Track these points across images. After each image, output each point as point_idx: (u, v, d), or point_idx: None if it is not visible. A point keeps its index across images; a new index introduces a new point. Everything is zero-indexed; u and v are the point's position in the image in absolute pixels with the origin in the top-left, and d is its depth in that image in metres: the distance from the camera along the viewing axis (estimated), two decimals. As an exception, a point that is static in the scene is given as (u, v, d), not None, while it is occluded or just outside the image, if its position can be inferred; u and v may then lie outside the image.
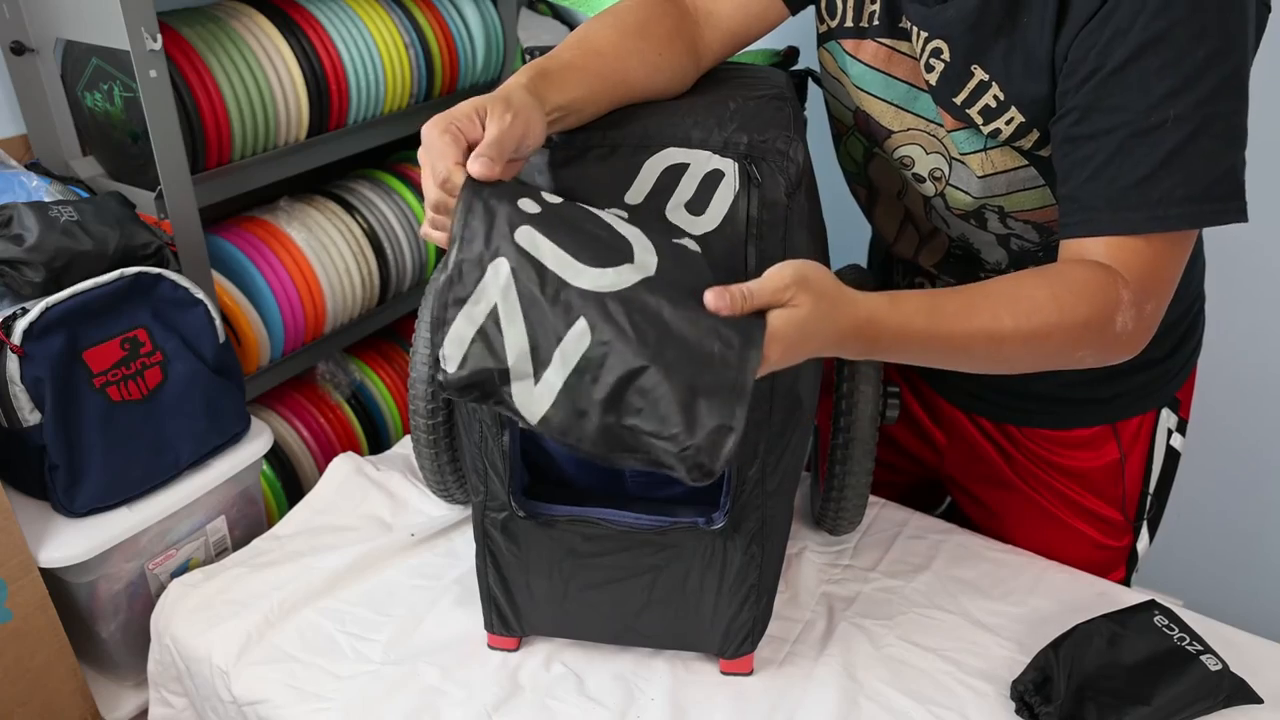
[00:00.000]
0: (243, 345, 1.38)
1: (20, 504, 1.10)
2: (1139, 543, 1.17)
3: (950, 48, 0.83)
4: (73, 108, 1.30)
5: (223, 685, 0.99)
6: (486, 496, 0.91)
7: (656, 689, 0.96)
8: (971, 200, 0.91)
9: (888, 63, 0.90)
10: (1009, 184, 0.88)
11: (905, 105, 0.91)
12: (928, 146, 0.92)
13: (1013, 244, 0.95)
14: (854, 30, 0.91)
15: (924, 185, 0.95)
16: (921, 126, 0.91)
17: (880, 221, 1.08)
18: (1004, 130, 0.83)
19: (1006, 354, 0.76)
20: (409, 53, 1.52)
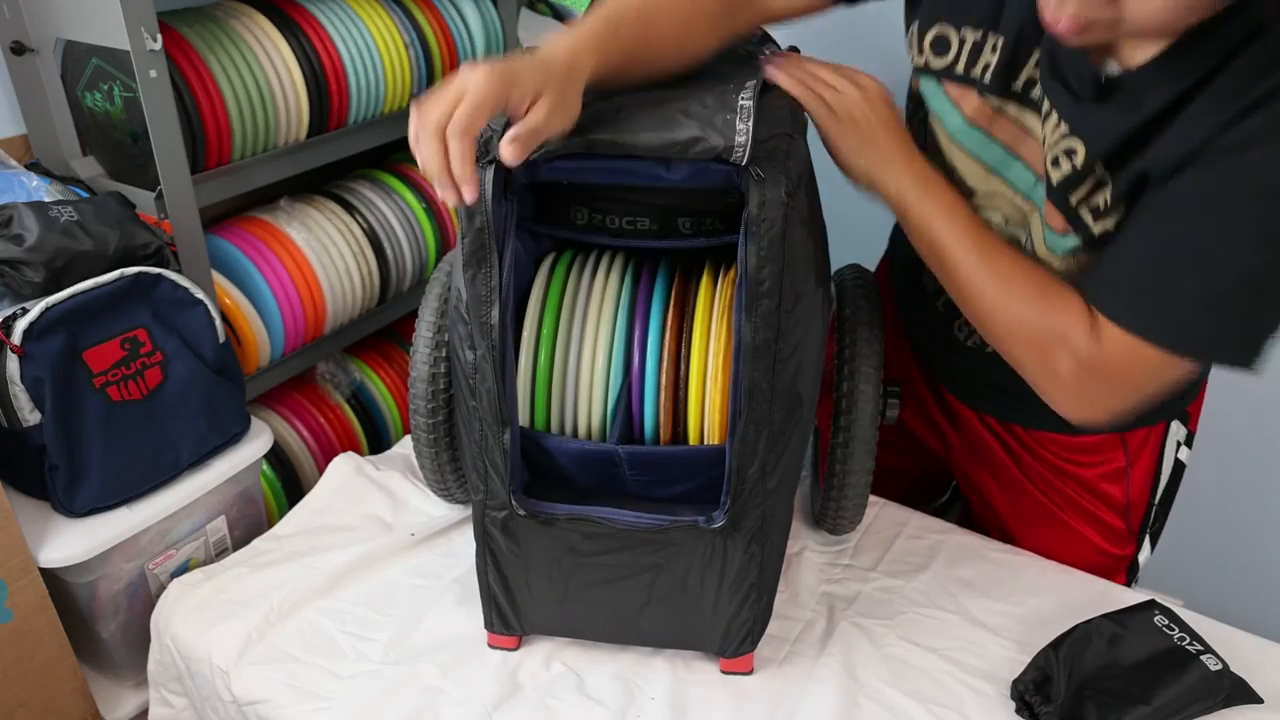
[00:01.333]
0: (243, 345, 1.38)
1: (20, 504, 1.10)
2: (1140, 553, 1.16)
3: (1086, 151, 0.78)
4: (73, 108, 1.30)
5: (223, 685, 0.99)
6: (486, 495, 0.91)
7: (656, 688, 0.96)
8: None
9: (990, 122, 0.87)
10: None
11: (998, 170, 0.88)
12: (1011, 217, 0.90)
13: None
14: (962, 77, 0.87)
15: None
16: (1008, 195, 0.88)
17: None
18: (1111, 230, 0.80)
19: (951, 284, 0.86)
20: (409, 53, 1.52)
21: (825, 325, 0.93)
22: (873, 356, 1.02)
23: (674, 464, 0.90)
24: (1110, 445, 1.08)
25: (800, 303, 0.82)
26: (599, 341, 0.91)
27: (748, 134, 0.74)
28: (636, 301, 0.92)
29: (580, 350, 0.91)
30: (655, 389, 0.89)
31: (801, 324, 0.83)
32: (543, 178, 0.83)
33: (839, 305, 1.07)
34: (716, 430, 0.89)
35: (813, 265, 0.84)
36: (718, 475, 0.87)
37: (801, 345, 0.84)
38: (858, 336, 1.03)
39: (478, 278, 0.82)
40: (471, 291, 0.82)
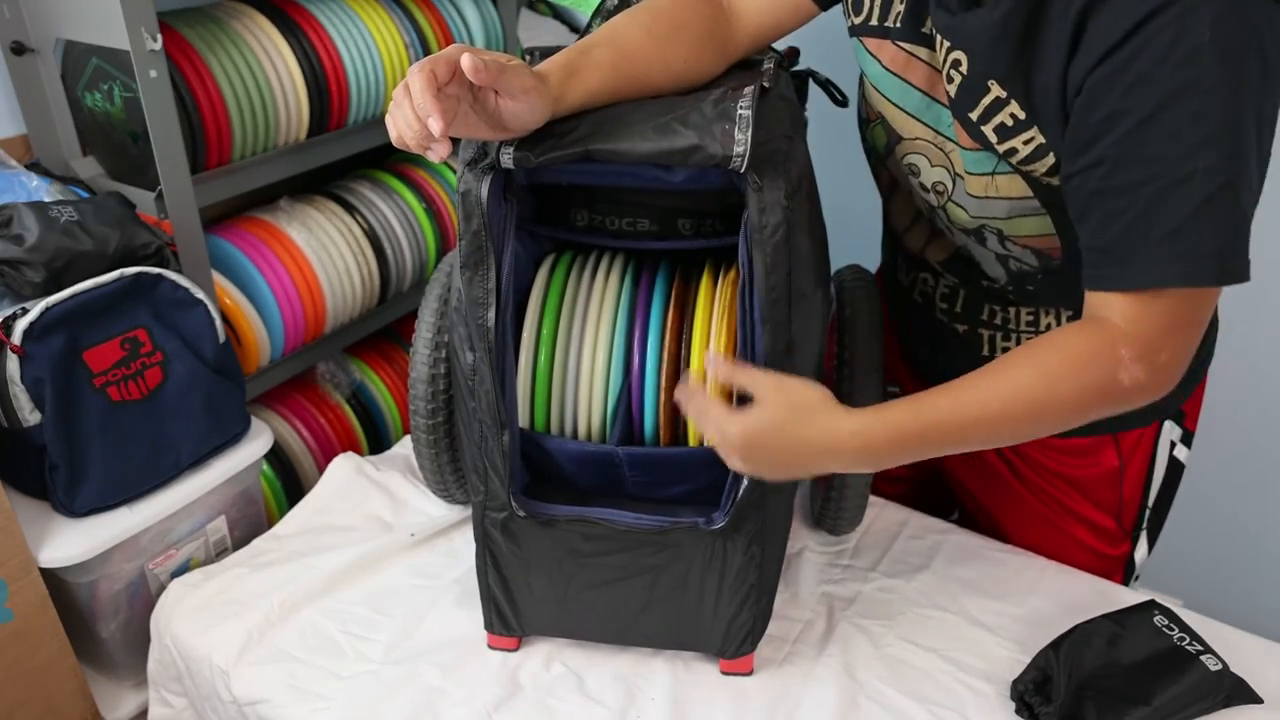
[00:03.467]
0: (243, 345, 1.38)
1: (20, 504, 1.10)
2: (1137, 552, 1.16)
3: (969, 60, 0.81)
4: (73, 108, 1.30)
5: (223, 685, 0.99)
6: (486, 496, 0.91)
7: (656, 689, 0.96)
8: (970, 219, 0.91)
9: (905, 68, 0.89)
10: (1009, 210, 0.87)
11: (918, 114, 0.91)
12: (933, 159, 0.91)
13: (1011, 265, 0.94)
14: (878, 29, 0.91)
15: (928, 195, 0.95)
16: (929, 137, 0.91)
17: (896, 210, 1.07)
18: (1020, 150, 0.81)
19: (1005, 435, 0.80)
20: (409, 53, 1.52)
21: (825, 325, 0.93)
22: (873, 357, 1.02)
23: (674, 465, 0.90)
24: (1102, 446, 1.08)
25: (801, 303, 0.82)
26: (599, 342, 0.91)
27: (746, 144, 0.74)
28: (636, 302, 0.92)
29: (580, 351, 0.91)
30: (655, 390, 0.89)
31: (802, 325, 0.83)
32: (542, 180, 0.84)
33: (839, 305, 1.07)
34: (716, 431, 0.89)
35: (813, 266, 0.84)
36: (718, 476, 0.87)
37: (801, 346, 0.84)
38: (858, 336, 1.03)
39: (475, 279, 0.82)
40: (469, 293, 0.82)
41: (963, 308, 1.04)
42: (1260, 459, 1.58)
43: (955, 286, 1.03)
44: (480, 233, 0.80)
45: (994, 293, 1.00)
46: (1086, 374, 0.76)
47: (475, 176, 0.78)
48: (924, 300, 1.08)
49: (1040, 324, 1.00)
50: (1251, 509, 1.62)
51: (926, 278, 1.07)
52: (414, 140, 0.70)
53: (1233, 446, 1.59)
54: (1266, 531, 1.62)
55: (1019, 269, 0.94)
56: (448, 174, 1.71)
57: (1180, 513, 1.28)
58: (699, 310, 0.90)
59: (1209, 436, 1.59)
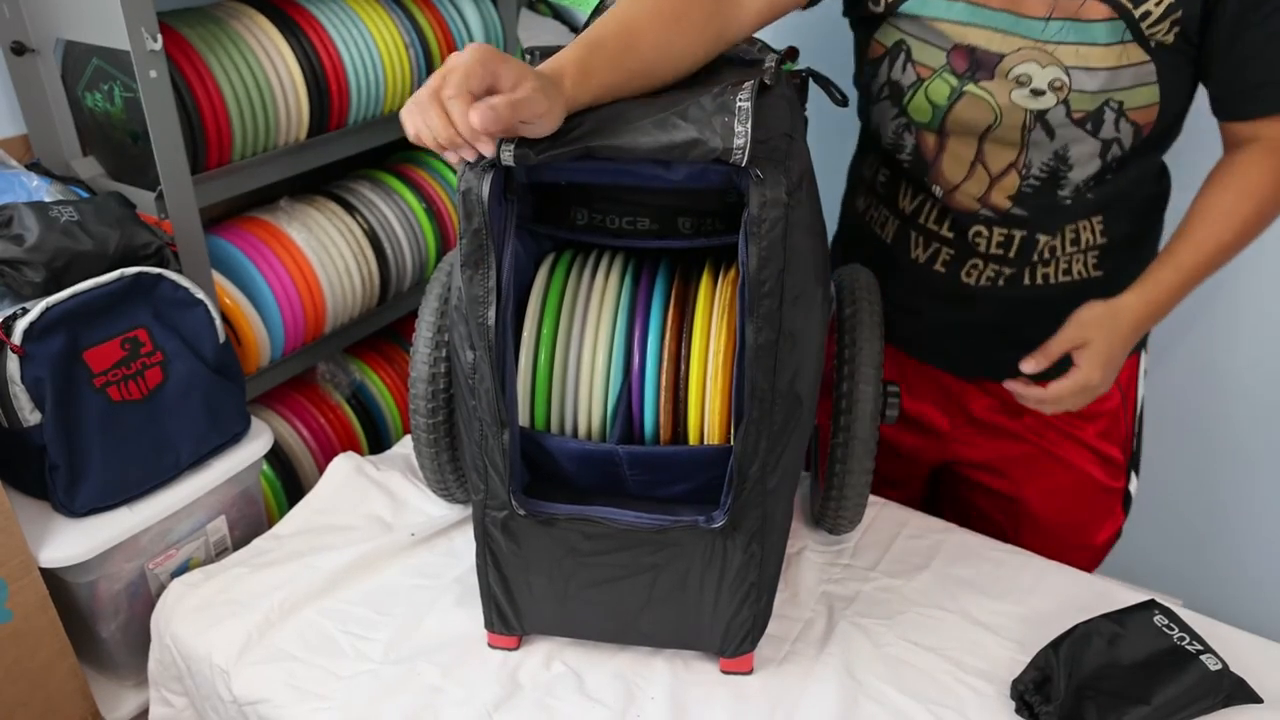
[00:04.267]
0: (243, 345, 1.38)
1: (20, 504, 1.10)
2: (1131, 484, 1.25)
3: None
4: (73, 108, 1.30)
5: (223, 685, 0.99)
6: (487, 495, 0.91)
7: (656, 688, 0.96)
8: (1092, 99, 0.97)
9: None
10: (1134, 77, 0.96)
11: (1007, 29, 0.97)
12: (1041, 61, 0.97)
13: (1110, 153, 1.02)
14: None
15: (1043, 98, 0.99)
16: (1030, 45, 0.97)
17: (945, 169, 1.08)
18: (1154, 12, 0.92)
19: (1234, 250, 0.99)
20: (409, 53, 1.52)
21: (825, 325, 0.93)
22: (873, 356, 1.02)
23: (674, 464, 0.90)
24: None
25: (800, 302, 0.82)
26: (599, 341, 0.91)
27: (746, 136, 0.74)
28: (636, 301, 0.92)
29: (580, 350, 0.91)
30: (655, 389, 0.89)
31: (801, 324, 0.83)
32: (543, 178, 0.83)
33: (839, 305, 1.07)
34: (716, 430, 0.89)
35: (813, 265, 0.84)
36: (718, 475, 0.87)
37: (801, 345, 0.84)
38: (858, 336, 1.03)
39: (475, 278, 0.82)
40: (469, 292, 0.82)
41: (1018, 250, 1.09)
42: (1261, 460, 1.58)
43: (1010, 234, 1.09)
44: (481, 231, 0.80)
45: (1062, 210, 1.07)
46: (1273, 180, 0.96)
47: (476, 175, 0.78)
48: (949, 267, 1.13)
49: (1081, 239, 1.09)
50: (1252, 509, 1.62)
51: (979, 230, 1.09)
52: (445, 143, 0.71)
53: (1233, 446, 1.59)
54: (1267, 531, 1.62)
55: (1113, 157, 1.02)
56: (448, 174, 1.71)
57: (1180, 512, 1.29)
58: (699, 309, 0.90)
59: (1210, 436, 1.60)
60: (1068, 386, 0.98)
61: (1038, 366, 0.98)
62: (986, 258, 1.10)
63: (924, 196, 1.12)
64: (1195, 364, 1.56)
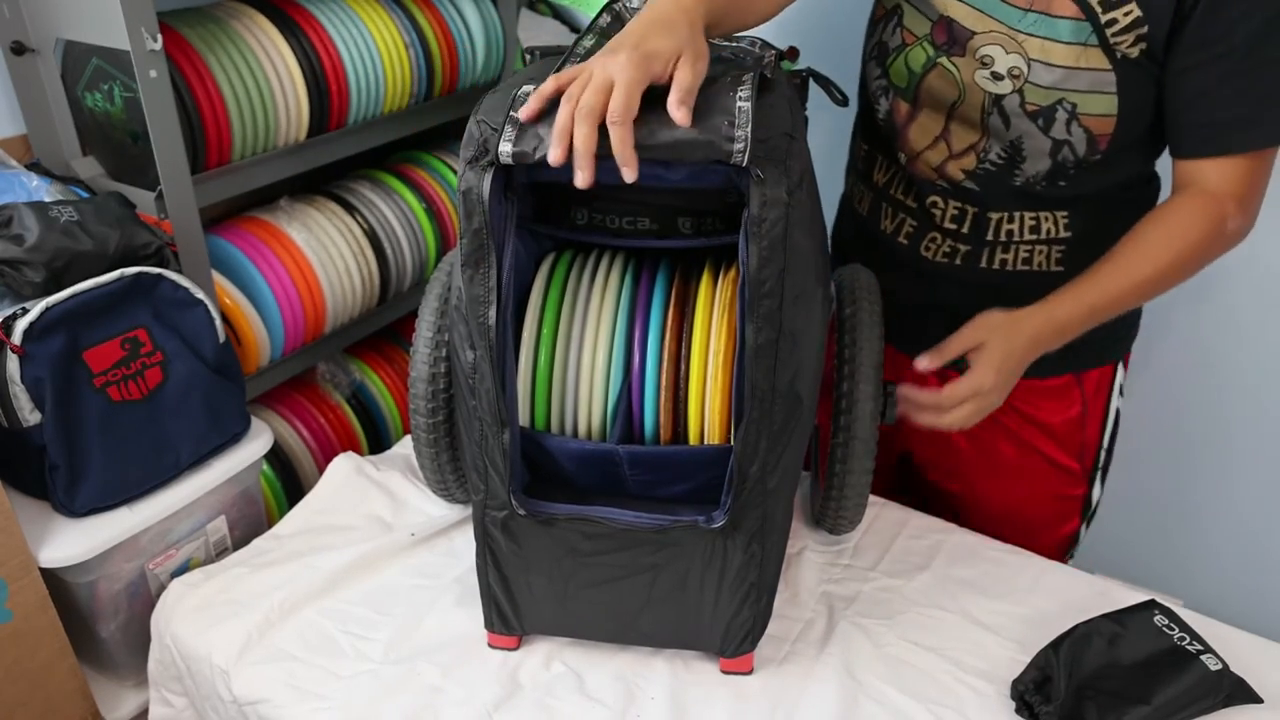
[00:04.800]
0: (243, 345, 1.38)
1: (20, 504, 1.10)
2: (1093, 491, 1.24)
3: None
4: (73, 108, 1.30)
5: (223, 685, 0.99)
6: (487, 495, 0.91)
7: (656, 688, 0.96)
8: (1045, 94, 0.98)
9: None
10: (1091, 83, 0.96)
11: (987, 10, 0.99)
12: (1007, 47, 0.99)
13: (1061, 154, 1.02)
14: None
15: (1000, 83, 1.00)
16: (1002, 29, 0.99)
17: (911, 138, 1.11)
18: (1120, 21, 0.92)
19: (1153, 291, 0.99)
20: (409, 53, 1.52)
21: (825, 325, 0.93)
22: (873, 356, 1.02)
23: (674, 464, 0.90)
24: (1069, 388, 1.17)
25: (800, 302, 0.82)
26: (599, 341, 0.91)
27: (746, 138, 0.74)
28: (636, 301, 0.92)
29: (580, 350, 0.91)
30: (655, 389, 0.89)
31: (801, 323, 0.83)
32: (543, 178, 0.83)
33: (839, 305, 1.07)
34: (717, 430, 0.89)
35: (813, 265, 0.84)
36: (718, 475, 0.87)
37: (801, 345, 0.84)
38: (858, 336, 1.03)
39: (476, 278, 0.82)
40: (470, 292, 0.82)
41: (970, 228, 1.11)
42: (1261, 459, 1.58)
43: (963, 209, 1.10)
44: (481, 231, 0.80)
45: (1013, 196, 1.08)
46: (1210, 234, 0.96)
47: (476, 174, 0.78)
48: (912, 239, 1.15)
49: (1041, 228, 1.10)
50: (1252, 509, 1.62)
51: (935, 201, 1.11)
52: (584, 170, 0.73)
53: (1233, 446, 1.59)
54: (1267, 531, 1.62)
55: (1064, 159, 1.03)
56: (448, 174, 1.71)
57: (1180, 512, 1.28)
58: (699, 309, 0.90)
59: (1210, 435, 1.60)
60: (961, 389, 0.94)
61: (932, 363, 0.96)
62: (943, 231, 1.12)
63: (895, 169, 1.15)
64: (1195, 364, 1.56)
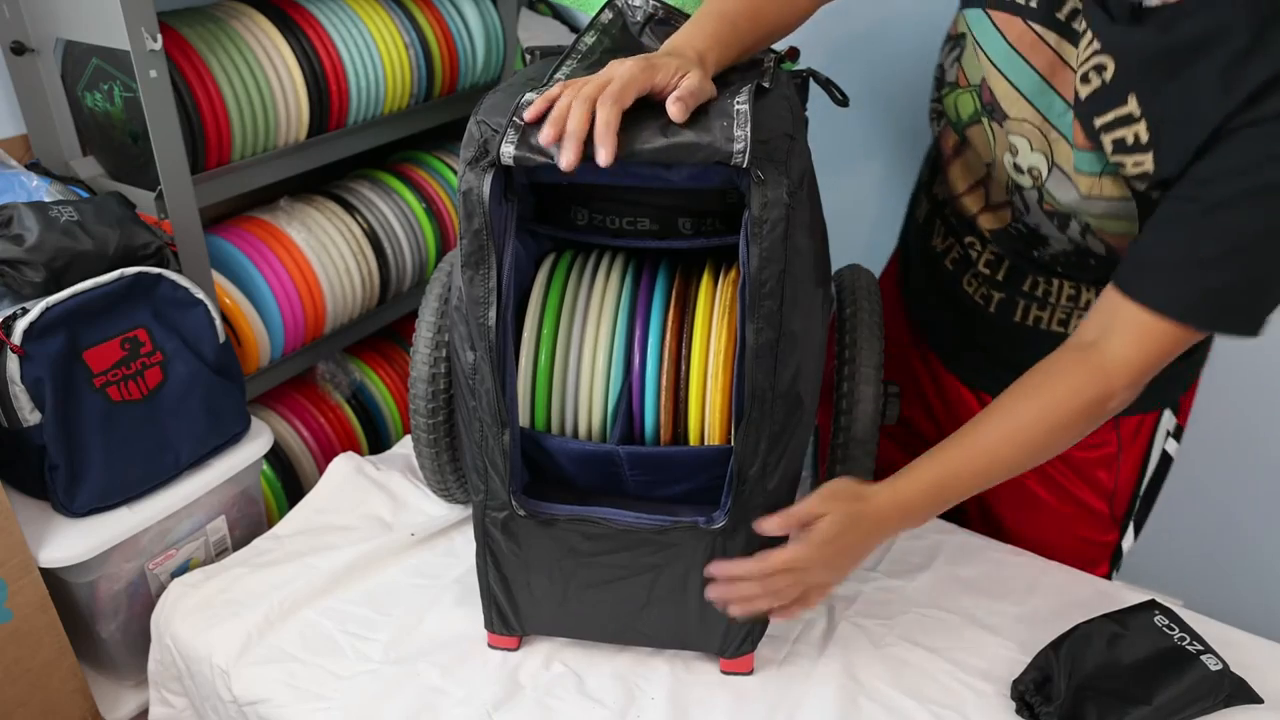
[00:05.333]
0: (243, 345, 1.38)
1: (20, 504, 1.10)
2: (1124, 540, 1.18)
3: (1115, 69, 0.82)
4: (73, 108, 1.30)
5: (223, 685, 0.99)
6: (487, 495, 0.91)
7: (657, 688, 0.96)
8: (1061, 206, 0.92)
9: (1031, 49, 0.90)
10: (1105, 209, 0.89)
11: (1031, 97, 0.91)
12: (1035, 143, 0.92)
13: (1081, 249, 0.96)
14: (1009, 5, 0.91)
15: (1020, 176, 0.96)
16: (1036, 121, 0.91)
17: (955, 174, 1.07)
18: (1129, 169, 0.84)
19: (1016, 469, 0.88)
20: (409, 53, 1.52)
21: (825, 325, 0.93)
22: (873, 356, 1.02)
23: (674, 464, 0.90)
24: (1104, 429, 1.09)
25: (800, 303, 0.82)
26: (599, 342, 0.91)
27: (745, 140, 0.74)
28: (637, 302, 0.92)
29: (580, 350, 0.91)
30: (655, 389, 0.89)
31: (802, 324, 0.83)
32: (543, 178, 0.83)
33: (839, 305, 1.07)
34: (717, 431, 0.89)
35: (813, 265, 0.84)
36: (718, 475, 0.87)
37: (802, 345, 0.84)
38: (858, 336, 1.03)
39: (476, 279, 0.82)
40: (470, 292, 0.82)
41: (1005, 276, 1.06)
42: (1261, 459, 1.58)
43: (1000, 256, 1.05)
44: (482, 231, 0.80)
45: (1043, 265, 1.02)
46: (1085, 411, 0.85)
47: (476, 175, 0.78)
48: (955, 268, 1.10)
49: (1081, 299, 1.02)
50: (1252, 509, 1.62)
51: (973, 242, 1.07)
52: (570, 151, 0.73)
53: (1233, 446, 1.59)
54: (1266, 531, 1.62)
55: (1084, 248, 0.96)
56: (448, 174, 1.71)
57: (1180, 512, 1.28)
58: (699, 310, 0.90)
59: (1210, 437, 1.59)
60: (774, 559, 0.83)
61: (774, 529, 0.84)
62: (978, 275, 1.08)
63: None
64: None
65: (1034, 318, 1.06)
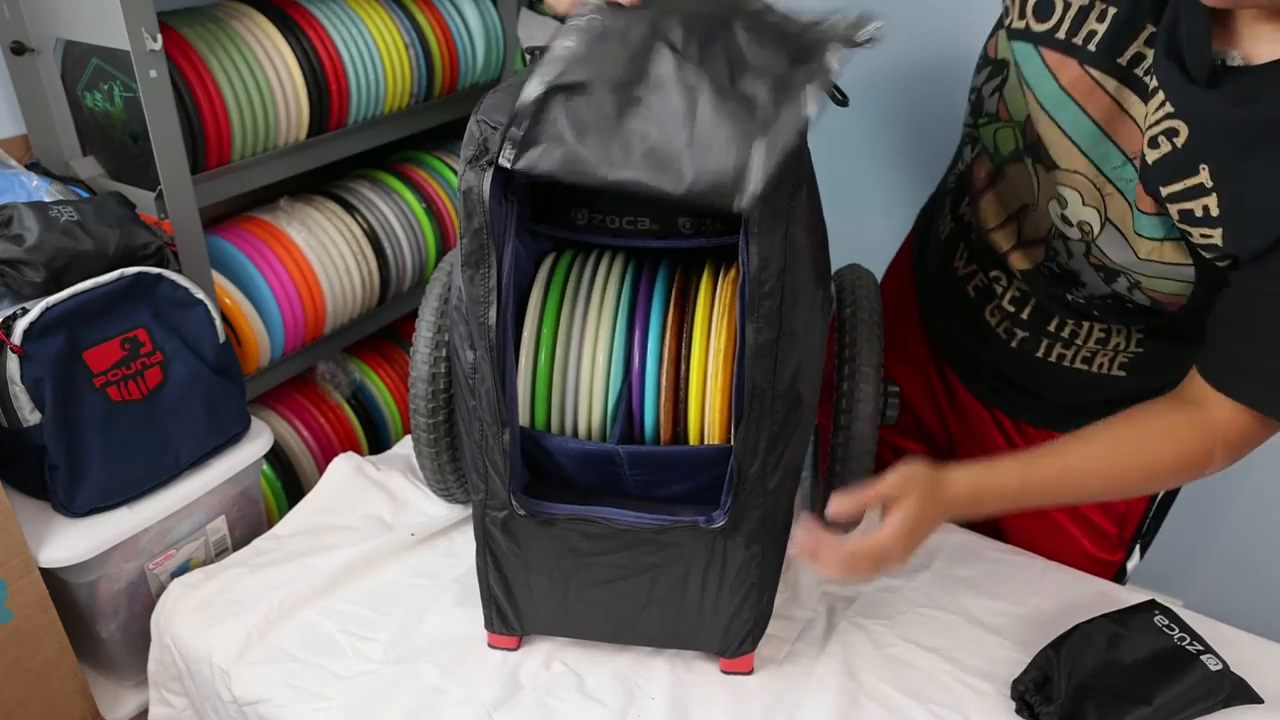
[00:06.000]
0: (243, 345, 1.38)
1: (20, 504, 1.10)
2: (1129, 561, 1.17)
3: (1189, 135, 0.75)
4: (73, 108, 1.30)
5: (223, 685, 0.99)
6: (487, 495, 0.91)
7: (657, 688, 0.96)
8: (1111, 265, 0.87)
9: (1086, 95, 0.83)
10: (1162, 272, 0.84)
11: (1085, 148, 0.84)
12: (1087, 196, 0.86)
13: (1123, 297, 0.92)
14: (1064, 44, 0.83)
15: (1069, 228, 0.89)
16: (1089, 174, 0.85)
17: (985, 204, 1.00)
18: (1195, 239, 0.78)
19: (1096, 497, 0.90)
20: (409, 53, 1.52)
21: (825, 325, 0.93)
22: (873, 356, 1.02)
23: (674, 464, 0.90)
24: None
25: (800, 303, 0.82)
26: (599, 341, 0.91)
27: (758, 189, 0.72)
28: (637, 302, 0.92)
29: (580, 350, 0.91)
30: (655, 389, 0.89)
31: (802, 324, 0.83)
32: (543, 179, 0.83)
33: (839, 305, 1.07)
34: (717, 430, 0.89)
35: (813, 265, 0.84)
36: (718, 475, 0.87)
37: (801, 345, 0.84)
38: (858, 336, 1.03)
39: (476, 278, 0.82)
40: (470, 292, 0.82)
41: (1030, 315, 1.02)
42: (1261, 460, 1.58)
43: (1027, 294, 1.00)
44: (482, 230, 0.80)
45: (1074, 308, 0.97)
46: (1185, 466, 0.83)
47: (476, 174, 0.78)
48: (978, 296, 1.06)
49: (1110, 342, 0.99)
50: (1251, 509, 1.62)
51: (998, 276, 1.03)
52: None
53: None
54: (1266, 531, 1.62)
55: (1124, 298, 0.91)
56: (448, 174, 1.71)
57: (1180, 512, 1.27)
58: (699, 309, 0.90)
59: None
60: (868, 545, 0.82)
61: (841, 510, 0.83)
62: (1002, 310, 1.04)
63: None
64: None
65: (1058, 355, 1.03)
